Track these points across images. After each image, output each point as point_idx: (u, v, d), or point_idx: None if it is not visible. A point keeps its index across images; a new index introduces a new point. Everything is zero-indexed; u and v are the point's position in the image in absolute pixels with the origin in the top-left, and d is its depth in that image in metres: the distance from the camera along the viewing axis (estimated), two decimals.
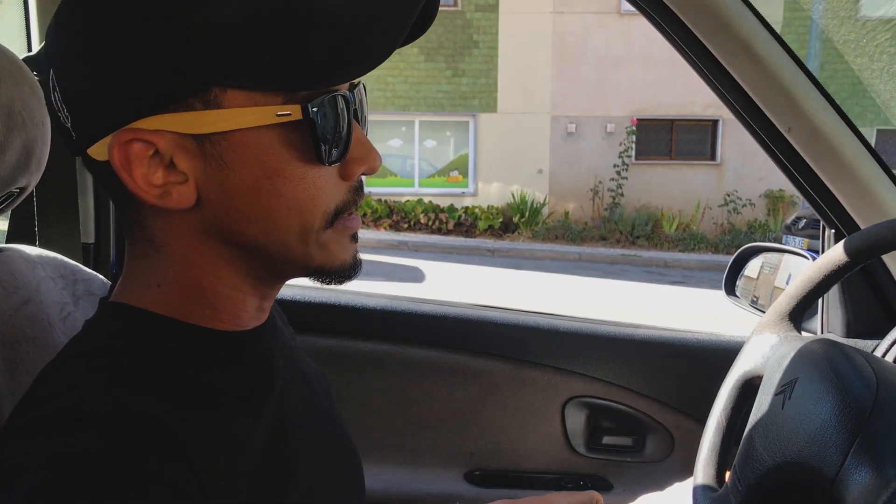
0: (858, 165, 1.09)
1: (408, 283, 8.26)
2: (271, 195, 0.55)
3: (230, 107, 0.52)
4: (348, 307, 1.40)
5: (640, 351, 1.39)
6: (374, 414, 1.40)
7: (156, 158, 0.54)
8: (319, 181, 0.57)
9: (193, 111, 0.52)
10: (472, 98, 13.14)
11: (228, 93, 0.52)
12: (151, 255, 0.59)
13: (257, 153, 0.54)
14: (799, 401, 0.73)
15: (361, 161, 0.60)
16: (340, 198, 0.59)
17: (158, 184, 0.54)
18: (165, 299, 0.59)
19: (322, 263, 0.60)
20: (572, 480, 1.40)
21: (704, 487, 0.87)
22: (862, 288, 1.22)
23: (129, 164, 0.53)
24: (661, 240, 12.14)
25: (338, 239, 0.61)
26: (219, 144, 0.53)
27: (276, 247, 0.58)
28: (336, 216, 0.59)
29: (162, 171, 0.54)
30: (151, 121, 0.52)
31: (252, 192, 0.55)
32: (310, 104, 0.53)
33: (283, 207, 0.56)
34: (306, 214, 0.57)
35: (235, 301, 0.62)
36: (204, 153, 0.54)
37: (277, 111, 0.53)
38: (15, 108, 0.66)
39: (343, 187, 0.60)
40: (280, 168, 0.55)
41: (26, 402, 0.53)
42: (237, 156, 0.54)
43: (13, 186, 0.70)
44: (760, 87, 1.07)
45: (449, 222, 12.56)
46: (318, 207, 0.57)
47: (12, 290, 0.74)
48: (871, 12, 11.98)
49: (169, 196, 0.55)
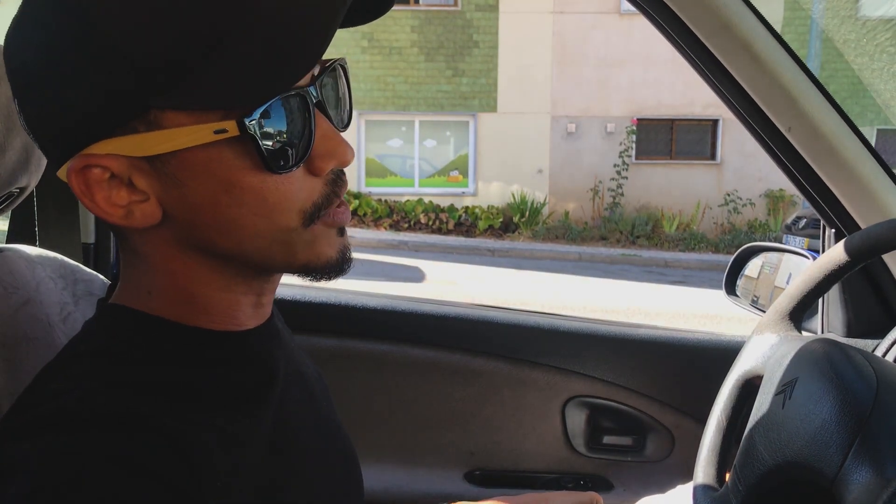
0: (859, 165, 1.09)
1: (408, 283, 8.26)
2: (232, 206, 0.54)
3: (171, 126, 0.51)
4: (348, 307, 1.40)
5: (640, 351, 1.39)
6: (373, 414, 1.40)
7: (115, 179, 0.54)
8: (284, 185, 0.55)
9: (137, 133, 0.52)
10: (472, 98, 13.14)
11: (167, 113, 0.51)
12: (138, 265, 0.60)
13: (208, 169, 0.53)
14: (799, 400, 0.73)
15: (329, 156, 0.57)
16: (318, 194, 0.58)
17: (122, 204, 0.54)
18: (159, 305, 0.59)
19: (307, 261, 0.59)
20: (572, 480, 1.40)
21: (705, 487, 0.87)
22: (862, 287, 1.22)
23: (90, 189, 0.54)
24: (661, 239, 12.14)
25: (325, 233, 0.59)
26: (168, 163, 0.53)
27: (253, 252, 0.57)
28: (317, 212, 0.58)
29: (124, 190, 0.54)
30: (101, 145, 0.52)
31: (213, 206, 0.54)
32: (246, 118, 0.51)
33: (249, 216, 0.55)
34: (278, 218, 0.56)
35: (229, 302, 0.61)
36: (157, 172, 0.53)
37: (214, 128, 0.51)
38: (15, 108, 0.66)
39: (318, 183, 0.58)
40: (235, 180, 0.53)
41: (25, 402, 0.53)
42: (189, 173, 0.53)
43: (13, 186, 0.70)
44: (760, 86, 1.07)
45: (449, 222, 12.56)
46: (291, 209, 0.56)
47: (12, 290, 0.74)
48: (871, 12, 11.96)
49: (133, 216, 0.55)
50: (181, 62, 0.50)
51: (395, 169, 13.68)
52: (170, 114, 0.51)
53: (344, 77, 0.62)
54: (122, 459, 0.47)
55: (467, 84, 13.11)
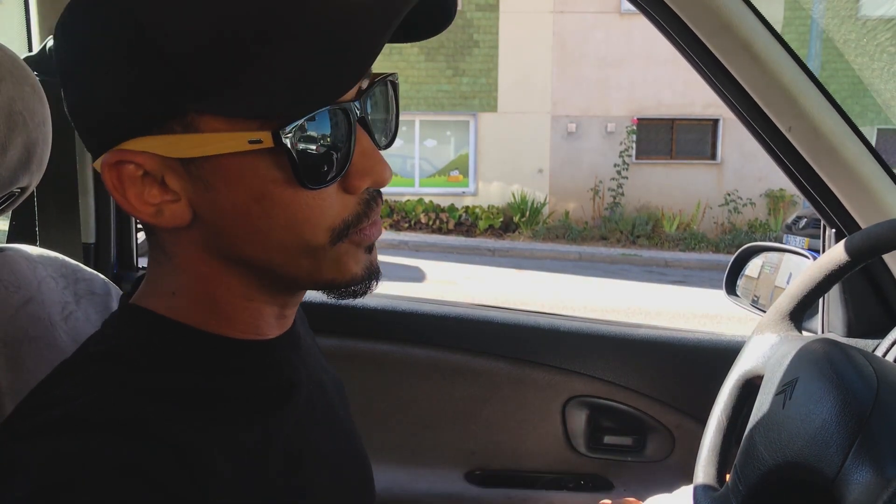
0: (859, 165, 1.09)
1: (408, 283, 8.26)
2: (262, 217, 0.53)
3: (207, 131, 0.51)
4: (349, 307, 1.40)
5: (640, 351, 1.39)
6: (374, 413, 1.40)
7: (149, 177, 0.54)
8: (316, 201, 0.54)
9: (173, 134, 0.52)
10: (473, 98, 13.14)
11: (205, 117, 0.51)
12: (165, 263, 0.59)
13: (241, 177, 0.52)
14: (799, 400, 0.73)
15: (366, 174, 0.56)
16: (349, 212, 0.56)
17: (154, 202, 0.54)
18: (181, 307, 0.59)
19: (332, 278, 0.58)
20: (573, 480, 1.40)
21: (705, 487, 0.87)
22: (863, 287, 1.22)
23: (122, 185, 0.53)
24: (661, 239, 12.14)
25: (351, 251, 0.58)
26: (202, 167, 0.52)
27: (278, 264, 0.57)
28: (346, 230, 0.56)
29: (157, 189, 0.54)
30: (138, 142, 0.52)
31: (243, 215, 0.54)
32: (282, 130, 0.50)
33: (278, 228, 0.54)
34: (306, 234, 0.55)
35: (251, 311, 0.61)
36: (190, 174, 0.53)
37: (249, 137, 0.50)
38: (16, 108, 0.66)
39: (351, 201, 0.56)
40: (268, 192, 0.53)
41: (34, 403, 0.53)
42: (222, 179, 0.53)
43: (14, 186, 0.70)
44: (761, 86, 1.07)
45: (449, 222, 12.56)
46: (320, 225, 0.55)
47: (14, 289, 0.74)
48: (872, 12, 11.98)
49: (162, 215, 0.54)
50: (223, 69, 0.50)
51: (396, 169, 13.67)
52: (207, 118, 0.51)
53: (393, 93, 0.61)
54: (123, 465, 0.47)
55: (467, 84, 13.11)
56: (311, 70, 0.50)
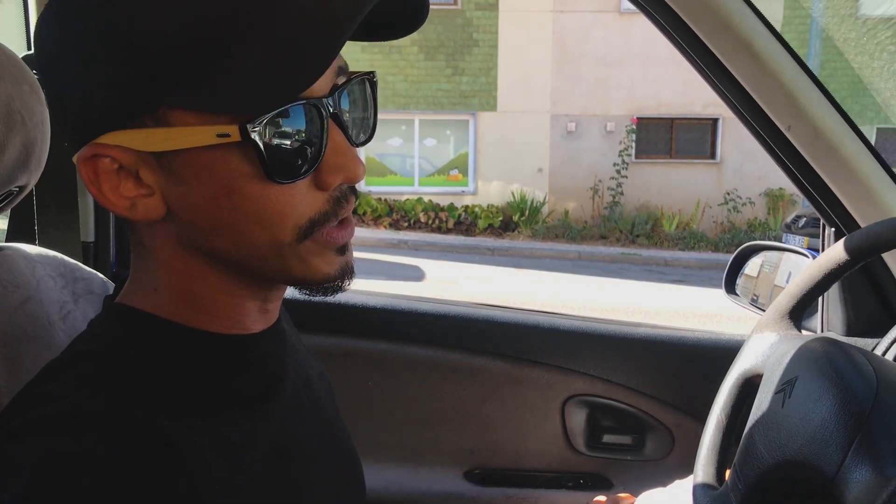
0: (858, 164, 1.09)
1: (408, 282, 8.26)
2: (231, 211, 0.54)
3: (178, 125, 0.52)
4: (348, 306, 1.40)
5: (640, 349, 1.39)
6: (373, 412, 1.40)
7: (123, 171, 0.55)
8: (285, 196, 0.54)
9: (146, 128, 0.52)
10: (472, 97, 13.14)
11: (176, 111, 0.52)
12: (146, 258, 0.60)
13: (211, 171, 0.53)
14: (799, 399, 0.73)
15: (338, 170, 0.56)
16: (316, 210, 0.56)
17: (129, 196, 0.55)
18: (164, 303, 0.59)
19: (303, 276, 0.58)
20: (572, 479, 1.40)
21: (704, 486, 0.87)
22: (862, 286, 1.22)
23: (97, 178, 0.55)
24: (660, 238, 12.14)
25: (319, 251, 0.58)
26: (174, 161, 0.53)
27: (250, 259, 0.57)
28: (311, 228, 0.56)
29: (132, 182, 0.55)
30: (112, 136, 0.53)
31: (213, 208, 0.54)
32: (249, 124, 0.51)
33: (246, 222, 0.54)
34: (273, 229, 0.55)
35: (233, 306, 0.61)
36: (163, 168, 0.54)
37: (217, 131, 0.51)
38: (14, 106, 0.66)
39: (320, 198, 0.57)
40: (236, 185, 0.53)
41: (23, 402, 0.53)
42: (192, 173, 0.53)
43: (13, 185, 0.70)
44: (760, 85, 1.07)
45: (449, 221, 12.56)
46: (287, 221, 0.55)
47: (12, 288, 0.74)
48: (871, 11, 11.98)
49: (136, 209, 0.55)
50: (193, 65, 0.50)
51: (395, 168, 13.67)
52: (178, 113, 0.52)
53: (371, 91, 0.62)
54: (117, 462, 0.47)
55: (467, 83, 13.10)
56: (275, 67, 0.51)
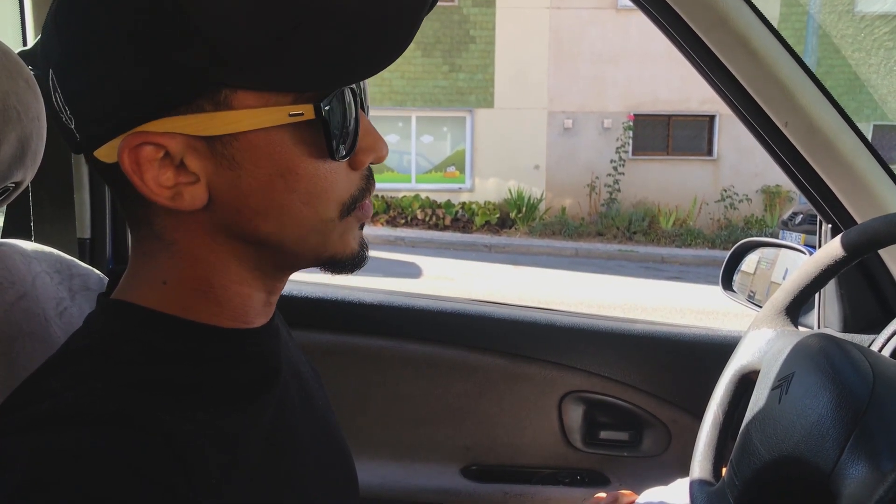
0: (855, 160, 1.09)
1: (405, 279, 8.26)
2: (285, 192, 0.55)
3: (241, 108, 0.51)
4: (344, 302, 1.40)
5: (636, 346, 1.39)
6: (370, 409, 1.40)
7: (166, 160, 0.53)
8: (331, 175, 0.57)
9: (203, 112, 0.51)
10: (469, 93, 13.13)
11: (238, 94, 0.51)
12: (159, 252, 0.58)
13: (269, 152, 0.53)
14: (796, 395, 0.73)
15: (370, 151, 0.60)
16: (354, 187, 0.60)
17: (169, 185, 0.53)
18: (170, 297, 0.59)
19: (334, 253, 0.61)
20: (569, 475, 1.40)
21: (701, 482, 0.87)
22: (859, 283, 1.22)
23: (140, 168, 0.52)
24: (657, 235, 12.15)
25: (353, 227, 0.61)
26: (230, 145, 0.53)
27: (291, 241, 0.58)
28: (353, 204, 0.60)
29: (172, 171, 0.53)
30: (161, 123, 0.51)
31: (265, 191, 0.55)
32: (322, 103, 0.53)
33: (297, 203, 0.56)
34: (321, 207, 0.57)
35: (242, 297, 0.61)
36: (215, 153, 0.53)
37: (290, 111, 0.52)
38: (10, 102, 0.66)
39: (355, 177, 0.60)
40: (293, 166, 0.54)
41: (20, 398, 0.53)
42: (249, 156, 0.53)
43: (8, 181, 0.70)
44: (757, 82, 1.07)
45: (446, 218, 12.56)
46: (332, 200, 0.58)
47: (8, 284, 0.74)
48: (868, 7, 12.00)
49: (181, 198, 0.54)
50: (260, 43, 0.50)
51: (392, 165, 13.66)
52: (241, 94, 0.51)
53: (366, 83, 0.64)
54: (114, 457, 0.47)
55: (464, 80, 13.09)
56: (348, 46, 0.52)
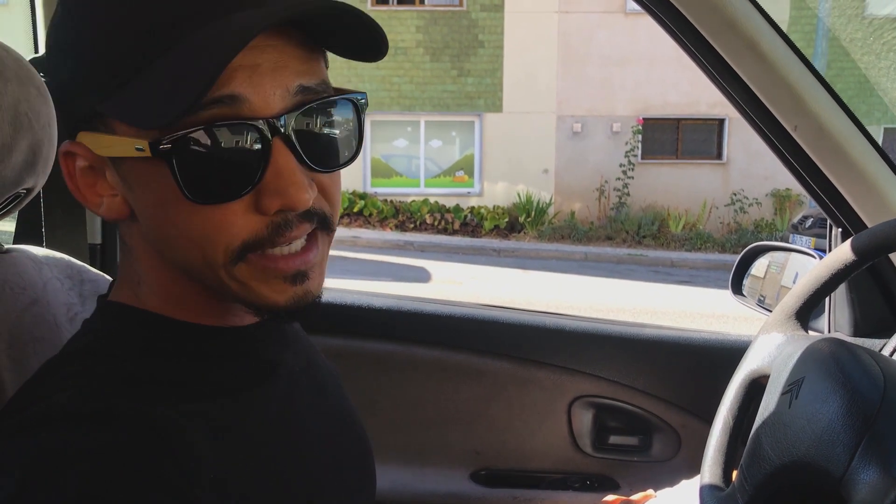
0: (865, 164, 1.08)
1: (414, 283, 8.26)
2: (166, 225, 0.55)
3: (118, 133, 0.53)
4: (353, 307, 1.40)
5: (646, 350, 1.39)
6: (379, 413, 1.40)
7: (93, 171, 0.57)
8: (216, 216, 0.52)
9: (97, 132, 0.54)
10: (478, 98, 13.14)
11: (113, 120, 0.53)
12: (129, 254, 0.61)
13: (147, 182, 0.53)
14: (806, 400, 0.73)
15: (276, 195, 0.52)
16: (248, 233, 0.53)
17: (101, 194, 0.57)
18: (148, 297, 0.60)
19: (246, 299, 0.56)
20: (578, 480, 1.40)
21: (711, 487, 0.87)
22: (869, 287, 1.22)
23: (72, 175, 0.57)
24: (667, 239, 12.12)
25: (258, 276, 0.55)
26: (121, 167, 0.55)
27: (197, 273, 0.56)
28: (243, 252, 0.53)
29: (101, 182, 0.57)
30: (82, 136, 0.56)
31: (154, 219, 0.56)
32: (162, 140, 0.49)
33: (181, 238, 0.54)
34: (205, 248, 0.53)
35: (212, 302, 0.60)
36: (119, 172, 0.55)
37: (136, 144, 0.51)
38: (21, 109, 0.66)
39: (258, 222, 0.53)
40: (166, 201, 0.52)
41: (19, 401, 0.54)
42: (135, 181, 0.55)
43: (20, 187, 0.70)
44: (766, 85, 1.07)
45: (454, 222, 12.56)
46: (217, 243, 0.53)
47: (20, 290, 0.74)
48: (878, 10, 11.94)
49: (104, 206, 0.57)
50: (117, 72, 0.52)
51: (401, 169, 13.68)
52: (115, 121, 0.53)
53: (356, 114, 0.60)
54: (106, 453, 0.47)
55: (472, 84, 13.10)
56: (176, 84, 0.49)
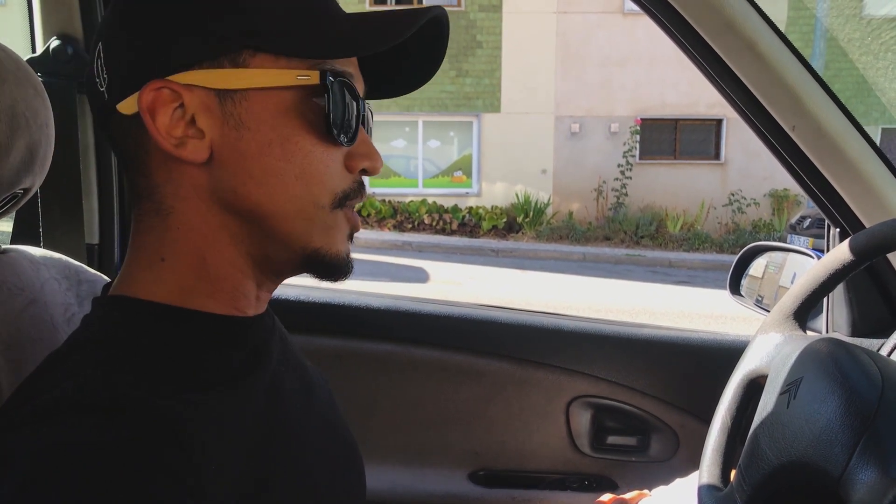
0: (863, 164, 1.09)
1: (412, 284, 8.26)
2: (280, 160, 0.58)
3: (257, 67, 0.57)
4: (352, 307, 1.40)
5: (644, 350, 1.39)
6: (378, 414, 1.40)
7: (179, 112, 0.57)
8: (327, 160, 0.60)
9: (222, 69, 0.57)
10: (476, 98, 13.14)
11: (257, 56, 0.57)
12: (157, 226, 0.61)
13: (274, 117, 0.58)
14: (804, 400, 0.73)
15: (365, 157, 0.63)
16: (347, 185, 0.62)
17: (177, 134, 0.57)
18: (166, 277, 0.60)
19: (320, 246, 0.62)
20: (577, 480, 1.40)
21: (709, 487, 0.87)
22: (867, 287, 1.22)
23: (155, 109, 0.57)
24: (665, 239, 12.13)
25: (342, 226, 0.63)
26: (240, 104, 0.57)
27: (280, 216, 0.60)
28: (343, 200, 0.62)
29: (183, 125, 0.57)
30: (184, 76, 0.57)
31: (263, 155, 0.58)
32: (328, 72, 0.58)
33: (291, 175, 0.59)
34: (314, 188, 0.60)
35: (233, 280, 0.62)
36: (224, 112, 0.57)
37: (298, 74, 0.57)
38: (19, 109, 0.66)
39: (348, 178, 0.63)
40: (292, 135, 0.58)
41: (22, 394, 0.53)
42: (255, 117, 0.58)
43: (17, 187, 0.70)
44: (764, 85, 1.07)
45: (453, 223, 12.56)
46: (325, 185, 0.60)
47: (17, 291, 0.74)
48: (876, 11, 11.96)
49: (184, 147, 0.57)
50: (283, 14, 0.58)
51: (399, 169, 13.68)
52: (259, 57, 0.57)
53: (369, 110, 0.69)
54: (115, 446, 0.47)
55: (471, 84, 13.11)
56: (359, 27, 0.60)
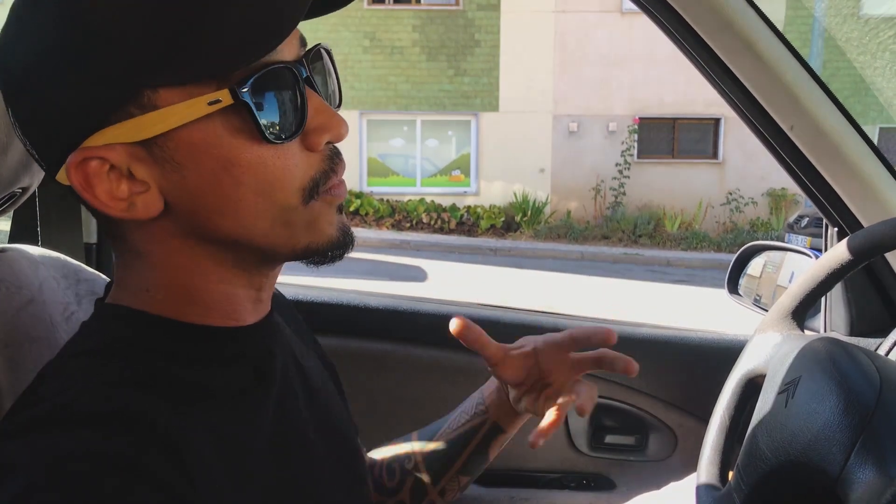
0: (861, 163, 1.09)
1: (410, 283, 8.26)
2: (233, 186, 0.54)
3: (165, 105, 0.52)
4: (350, 306, 1.40)
5: (642, 349, 1.39)
6: (376, 413, 1.40)
7: (114, 172, 0.54)
8: (281, 160, 0.55)
9: (132, 118, 0.52)
10: (474, 97, 13.14)
11: (160, 92, 0.52)
12: (136, 264, 0.60)
13: (206, 148, 0.53)
14: (802, 399, 0.73)
15: (323, 129, 0.58)
16: (314, 169, 0.58)
17: (123, 196, 0.54)
18: (156, 301, 0.59)
19: (309, 243, 0.59)
20: (575, 479, 1.40)
21: (708, 486, 0.87)
22: (865, 286, 1.22)
23: (89, 183, 0.54)
24: (663, 238, 12.13)
25: (325, 211, 0.59)
26: (166, 147, 0.53)
27: (258, 236, 0.57)
28: (315, 188, 0.58)
29: (125, 182, 0.54)
30: (99, 136, 0.53)
31: (214, 187, 0.54)
32: (239, 87, 0.52)
33: (250, 195, 0.55)
34: (277, 196, 0.56)
35: (227, 296, 0.61)
36: (156, 158, 0.54)
37: (208, 100, 0.52)
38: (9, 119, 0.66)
39: (314, 158, 0.58)
40: (234, 156, 0.54)
41: (21, 403, 0.53)
42: (188, 154, 0.53)
43: (16, 186, 0.70)
44: (762, 85, 1.07)
45: (451, 222, 12.56)
46: (289, 187, 0.56)
47: (15, 290, 0.74)
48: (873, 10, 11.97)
49: (135, 207, 0.55)
50: (170, 38, 0.51)
51: (397, 168, 13.68)
52: (163, 93, 0.52)
53: (329, 60, 0.64)
54: (113, 458, 0.47)
55: (469, 83, 13.10)
56: (250, 26, 0.52)
